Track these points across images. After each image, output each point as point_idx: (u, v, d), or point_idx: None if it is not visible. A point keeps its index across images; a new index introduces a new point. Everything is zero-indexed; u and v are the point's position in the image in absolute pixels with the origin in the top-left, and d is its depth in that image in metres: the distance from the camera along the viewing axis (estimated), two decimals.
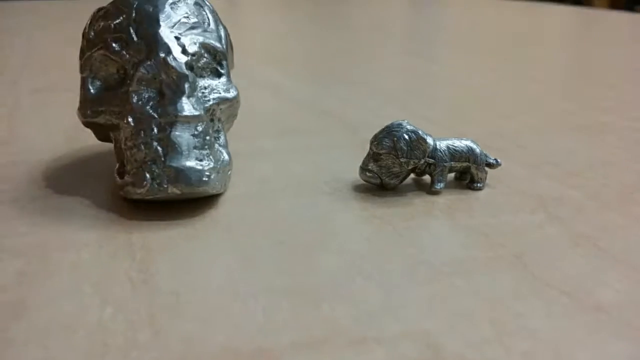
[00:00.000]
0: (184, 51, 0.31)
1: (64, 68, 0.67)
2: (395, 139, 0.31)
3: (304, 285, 0.23)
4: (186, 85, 0.30)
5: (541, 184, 0.34)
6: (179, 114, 0.29)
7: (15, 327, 0.21)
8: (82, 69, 0.32)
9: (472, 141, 0.33)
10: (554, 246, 0.27)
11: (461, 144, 0.32)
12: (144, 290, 0.23)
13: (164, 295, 0.23)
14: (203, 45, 0.32)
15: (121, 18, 0.31)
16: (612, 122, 0.46)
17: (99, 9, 0.32)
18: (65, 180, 0.34)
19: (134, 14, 0.31)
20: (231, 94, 0.32)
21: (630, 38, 0.90)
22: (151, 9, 0.32)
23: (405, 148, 0.31)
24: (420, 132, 0.31)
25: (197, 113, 0.30)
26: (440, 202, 0.31)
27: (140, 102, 0.30)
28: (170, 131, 0.29)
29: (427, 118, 0.47)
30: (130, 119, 0.29)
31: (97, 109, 0.31)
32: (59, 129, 0.44)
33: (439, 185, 0.32)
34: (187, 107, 0.30)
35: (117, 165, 0.31)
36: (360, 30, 0.99)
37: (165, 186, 0.28)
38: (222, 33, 0.34)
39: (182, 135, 0.29)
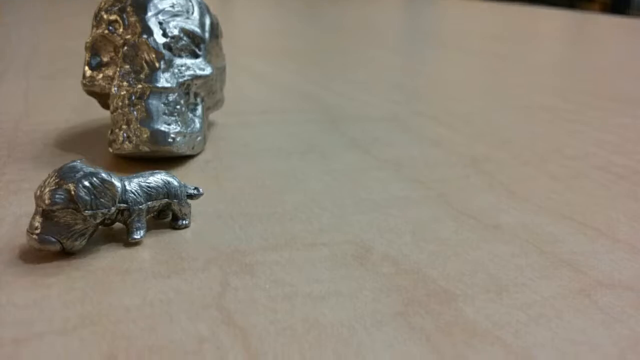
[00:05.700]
0: (164, 34, 0.37)
1: (66, 58, 0.73)
2: (72, 188, 0.24)
3: (273, 212, 0.30)
4: (161, 62, 0.36)
5: (476, 148, 0.40)
6: (153, 85, 0.36)
7: None
8: (86, 47, 0.39)
9: (167, 174, 0.28)
10: (474, 189, 0.33)
11: (156, 179, 0.27)
12: None
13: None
14: (183, 30, 0.38)
15: (118, 6, 0.38)
16: (553, 104, 0.53)
17: None
18: (73, 142, 0.40)
19: (128, 3, 0.38)
20: (206, 72, 0.39)
21: (603, 38, 0.97)
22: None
23: (87, 198, 0.24)
24: (103, 174, 0.25)
25: (168, 85, 0.36)
26: (390, 159, 0.38)
27: (124, 74, 0.36)
28: (145, 99, 0.35)
29: (392, 100, 0.53)
30: (115, 89, 0.36)
31: (93, 80, 0.38)
32: (67, 105, 0.50)
33: (139, 234, 0.26)
34: (161, 80, 0.36)
35: (111, 128, 0.37)
36: (346, 28, 1.06)
37: (137, 144, 0.35)
38: (207, 21, 0.40)
39: (154, 103, 0.35)
